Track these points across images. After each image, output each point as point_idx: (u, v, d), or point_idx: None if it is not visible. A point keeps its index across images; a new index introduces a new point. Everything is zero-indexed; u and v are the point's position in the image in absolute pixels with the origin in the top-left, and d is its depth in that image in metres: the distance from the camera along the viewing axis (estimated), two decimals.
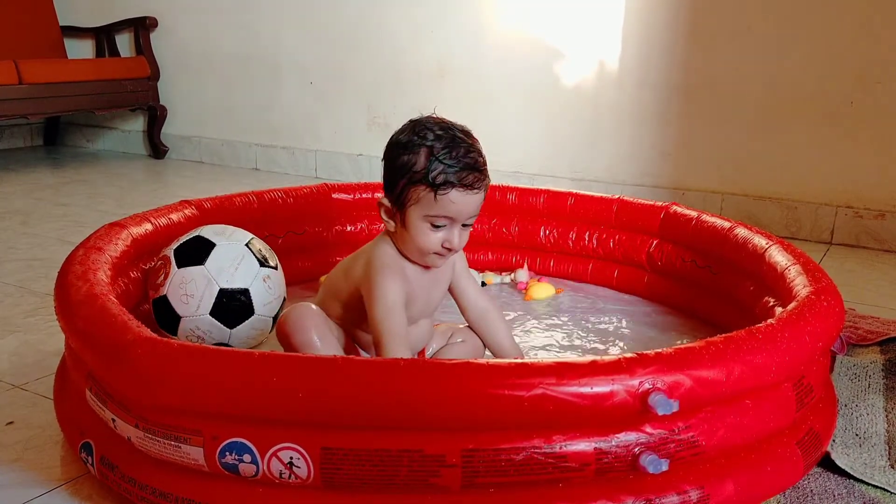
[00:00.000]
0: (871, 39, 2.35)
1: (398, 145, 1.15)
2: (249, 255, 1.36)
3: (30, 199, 2.82)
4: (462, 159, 1.13)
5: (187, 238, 1.37)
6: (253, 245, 1.39)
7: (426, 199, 1.13)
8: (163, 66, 3.71)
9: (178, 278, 1.31)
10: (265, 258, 1.39)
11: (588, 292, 1.81)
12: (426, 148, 1.13)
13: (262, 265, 1.37)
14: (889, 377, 1.35)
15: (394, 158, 1.15)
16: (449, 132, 1.14)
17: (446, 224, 1.15)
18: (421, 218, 1.14)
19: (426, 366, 0.88)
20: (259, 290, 1.35)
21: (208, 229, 1.39)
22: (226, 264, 1.33)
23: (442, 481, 0.87)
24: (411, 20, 3.09)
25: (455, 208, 1.13)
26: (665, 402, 0.86)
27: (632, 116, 2.76)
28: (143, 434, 0.94)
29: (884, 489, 1.02)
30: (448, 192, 1.12)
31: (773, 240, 1.43)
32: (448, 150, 1.12)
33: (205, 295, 1.30)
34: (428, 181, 1.12)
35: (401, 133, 1.16)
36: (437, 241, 1.16)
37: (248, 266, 1.34)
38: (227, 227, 1.42)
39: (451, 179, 1.12)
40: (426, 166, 1.12)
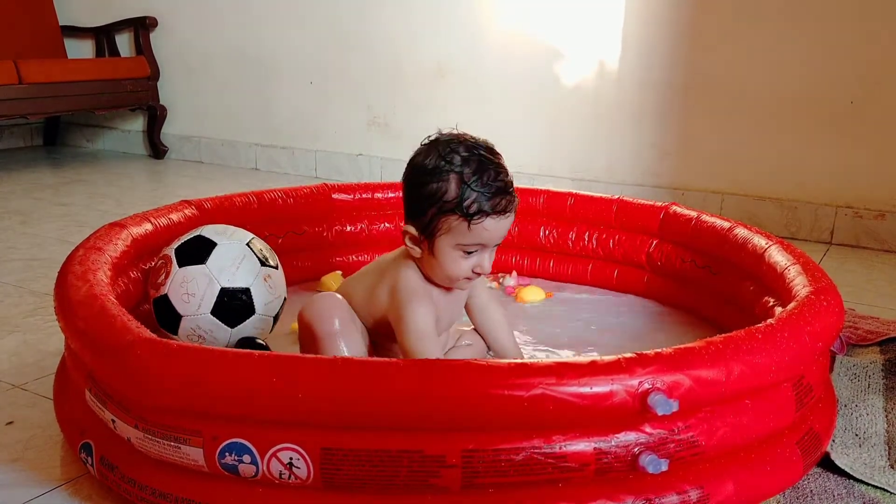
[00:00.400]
0: (871, 40, 2.35)
1: (424, 171, 1.10)
2: (250, 254, 1.36)
3: (30, 199, 2.82)
4: (493, 184, 1.09)
5: (188, 237, 1.37)
6: (254, 244, 1.39)
7: (458, 228, 1.09)
8: (163, 65, 3.71)
9: (179, 277, 1.31)
10: (266, 258, 1.39)
11: (581, 296, 1.80)
12: (455, 174, 1.08)
13: (263, 264, 1.37)
14: (889, 377, 1.35)
15: (420, 185, 1.10)
16: (475, 153, 1.10)
17: (478, 250, 1.12)
18: (452, 247, 1.11)
19: (426, 366, 0.88)
20: (260, 290, 1.35)
21: (209, 229, 1.39)
22: (227, 263, 1.33)
23: (442, 482, 0.87)
24: (411, 20, 3.09)
25: (488, 235, 1.10)
26: (664, 401, 0.86)
27: (632, 116, 2.76)
28: (142, 434, 0.94)
29: (884, 489, 1.02)
30: (482, 221, 1.08)
31: (772, 240, 1.43)
32: (478, 176, 1.08)
33: (206, 294, 1.30)
34: (461, 211, 1.07)
35: (425, 157, 1.11)
36: (468, 268, 1.13)
37: (249, 265, 1.35)
38: (227, 227, 1.42)
39: (485, 208, 1.08)
40: (458, 195, 1.07)
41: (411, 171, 1.13)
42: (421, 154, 1.12)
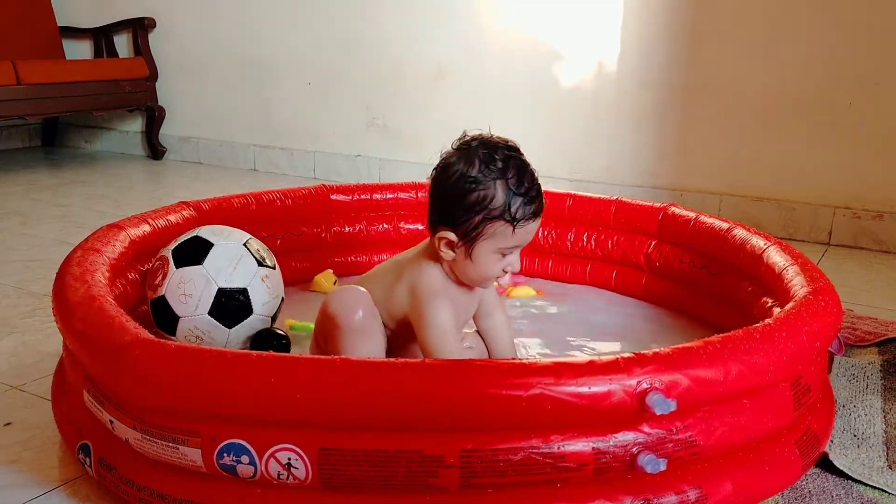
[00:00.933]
0: (869, 41, 2.35)
1: (468, 179, 1.10)
2: (248, 254, 1.36)
3: (28, 200, 2.82)
4: (534, 188, 1.12)
5: (185, 238, 1.37)
6: (251, 245, 1.39)
7: (503, 232, 1.11)
8: (161, 66, 3.71)
9: (176, 278, 1.31)
10: (263, 258, 1.39)
11: (579, 296, 1.79)
12: (502, 182, 1.10)
13: (260, 265, 1.37)
14: (887, 378, 1.35)
15: (464, 193, 1.10)
16: (511, 157, 1.11)
17: (513, 251, 1.15)
18: (493, 250, 1.12)
19: (424, 366, 0.88)
20: (258, 290, 1.35)
21: (206, 230, 1.39)
22: (224, 264, 1.33)
23: (440, 482, 0.87)
24: (410, 21, 3.09)
25: (527, 236, 1.14)
26: (663, 401, 0.86)
27: (630, 117, 2.76)
28: (140, 435, 0.94)
29: (882, 490, 1.02)
30: (527, 225, 1.12)
31: (771, 240, 1.43)
32: (520, 181, 1.10)
33: (203, 294, 1.30)
34: (509, 216, 1.10)
35: (466, 164, 1.11)
36: (500, 268, 1.15)
37: (246, 266, 1.34)
38: (224, 228, 1.42)
39: (529, 213, 1.11)
40: (505, 202, 1.09)
41: (451, 179, 1.11)
42: (458, 161, 1.12)
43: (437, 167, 1.14)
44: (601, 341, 1.53)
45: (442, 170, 1.13)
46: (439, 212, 1.14)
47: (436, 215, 1.15)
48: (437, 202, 1.15)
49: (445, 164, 1.13)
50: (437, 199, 1.14)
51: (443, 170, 1.13)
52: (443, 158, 1.14)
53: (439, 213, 1.14)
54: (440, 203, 1.14)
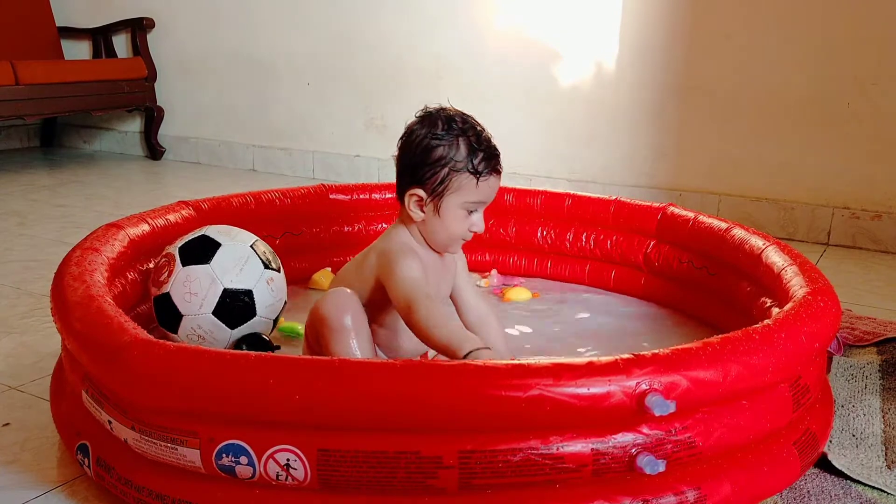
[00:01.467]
0: (867, 41, 2.35)
1: (433, 136, 1.19)
2: (254, 256, 1.36)
3: (27, 200, 2.82)
4: (491, 145, 1.22)
5: (192, 237, 1.37)
6: (257, 247, 1.39)
7: (468, 185, 1.20)
8: (160, 66, 3.70)
9: (182, 276, 1.31)
10: (269, 260, 1.39)
11: (578, 296, 1.79)
12: (464, 138, 1.20)
13: (266, 267, 1.37)
14: (886, 378, 1.35)
15: (430, 149, 1.19)
16: (467, 120, 1.22)
17: (477, 209, 1.23)
18: (460, 205, 1.21)
19: (423, 367, 0.88)
20: (262, 292, 1.35)
21: (213, 229, 1.39)
22: (231, 264, 1.33)
23: (439, 483, 0.87)
24: (409, 21, 3.09)
25: (489, 192, 1.22)
26: (662, 402, 0.86)
27: (629, 117, 2.76)
28: (139, 436, 0.94)
29: (880, 490, 1.02)
30: (489, 178, 1.21)
31: (769, 240, 1.43)
32: (479, 139, 1.20)
33: (209, 294, 1.30)
34: (472, 168, 1.19)
35: (429, 125, 1.20)
36: (467, 227, 1.23)
37: (252, 267, 1.35)
38: (231, 228, 1.43)
39: (490, 166, 1.20)
40: (468, 154, 1.19)
41: (417, 139, 1.21)
42: (422, 125, 1.22)
43: (403, 136, 1.23)
44: (599, 342, 1.53)
45: (408, 136, 1.23)
46: (409, 173, 1.22)
47: (406, 177, 1.23)
48: (406, 164, 1.22)
49: (410, 131, 1.23)
50: (406, 162, 1.22)
51: (409, 135, 1.22)
52: (407, 127, 1.23)
53: (409, 175, 1.22)
54: (409, 164, 1.22)
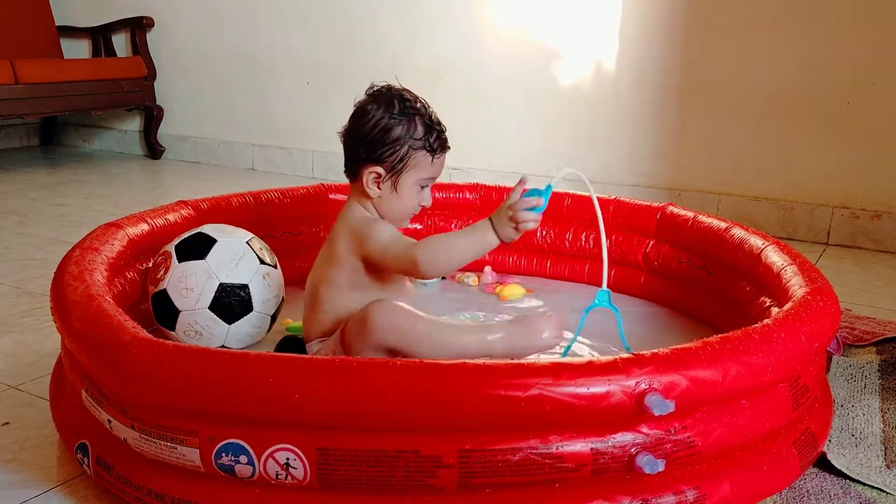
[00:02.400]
0: (867, 40, 2.35)
1: (392, 116, 1.22)
2: (250, 251, 1.37)
3: (26, 199, 2.82)
4: (440, 124, 1.26)
5: (189, 235, 1.38)
6: (253, 243, 1.40)
7: (424, 163, 1.24)
8: (159, 66, 3.70)
9: (178, 272, 1.32)
10: (265, 256, 1.40)
11: (566, 292, 1.79)
12: (420, 118, 1.23)
13: (262, 262, 1.38)
14: (885, 378, 1.35)
15: (389, 129, 1.22)
16: (418, 99, 1.26)
17: (428, 184, 1.27)
18: (415, 182, 1.25)
19: (422, 366, 0.88)
20: (259, 287, 1.36)
21: (209, 227, 1.40)
22: (226, 259, 1.34)
23: (438, 482, 0.87)
24: (408, 20, 3.09)
25: (440, 168, 1.27)
26: (661, 402, 0.86)
27: (628, 117, 2.76)
28: (138, 435, 0.94)
29: (880, 489, 1.02)
30: (442, 155, 1.26)
31: (769, 240, 1.43)
32: (430, 117, 1.25)
33: (205, 289, 1.31)
34: (428, 147, 1.23)
35: (386, 105, 1.22)
36: (419, 202, 1.28)
37: (248, 262, 1.36)
38: (227, 226, 1.44)
39: (443, 143, 1.26)
40: (425, 134, 1.23)
41: (374, 119, 1.22)
42: (377, 105, 1.23)
43: (354, 114, 1.25)
44: (598, 341, 1.53)
45: (361, 114, 1.24)
46: (365, 151, 1.23)
47: (361, 155, 1.24)
48: (362, 142, 1.23)
49: (363, 110, 1.24)
50: (362, 140, 1.23)
51: (362, 114, 1.24)
52: (358, 106, 1.25)
53: (366, 153, 1.23)
54: (365, 143, 1.23)
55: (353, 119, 1.25)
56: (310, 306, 1.28)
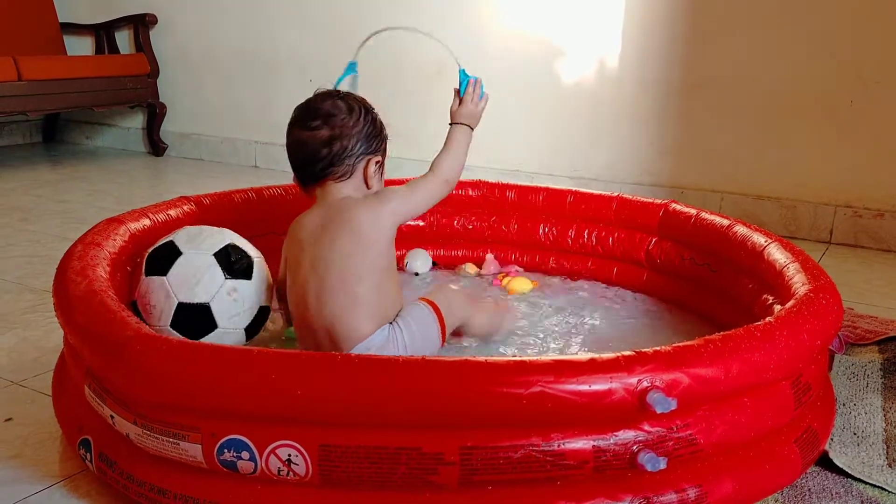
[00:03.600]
0: (870, 39, 2.35)
1: (371, 112, 1.32)
2: (214, 266, 1.27)
3: (29, 196, 2.82)
4: None
5: (163, 242, 1.30)
6: (224, 253, 1.29)
7: (385, 150, 1.34)
8: (162, 63, 3.70)
9: (144, 286, 1.26)
10: (234, 268, 1.29)
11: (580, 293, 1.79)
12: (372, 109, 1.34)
13: (228, 276, 1.27)
14: (887, 377, 1.35)
15: (376, 120, 1.32)
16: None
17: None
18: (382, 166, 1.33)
19: (425, 363, 0.88)
20: (223, 304, 1.26)
21: (183, 233, 1.31)
22: (188, 276, 1.25)
23: (440, 479, 0.87)
24: (412, 18, 3.09)
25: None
26: (663, 400, 0.86)
27: (631, 114, 2.76)
28: (141, 431, 0.94)
29: (882, 488, 1.02)
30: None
31: (772, 238, 1.42)
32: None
33: (165, 307, 1.24)
34: (386, 132, 1.34)
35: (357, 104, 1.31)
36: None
37: (210, 279, 1.25)
38: (205, 231, 1.33)
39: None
40: (382, 123, 1.33)
41: (360, 117, 1.29)
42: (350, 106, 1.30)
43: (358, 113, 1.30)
44: (600, 338, 1.53)
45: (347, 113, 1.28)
46: (364, 145, 1.28)
47: (359, 150, 1.28)
48: (358, 138, 1.28)
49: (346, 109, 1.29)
50: (357, 135, 1.28)
51: (349, 113, 1.29)
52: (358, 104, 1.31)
53: (364, 146, 1.28)
54: (361, 137, 1.28)
55: (339, 120, 1.27)
56: (350, 309, 1.21)
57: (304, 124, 1.29)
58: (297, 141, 1.31)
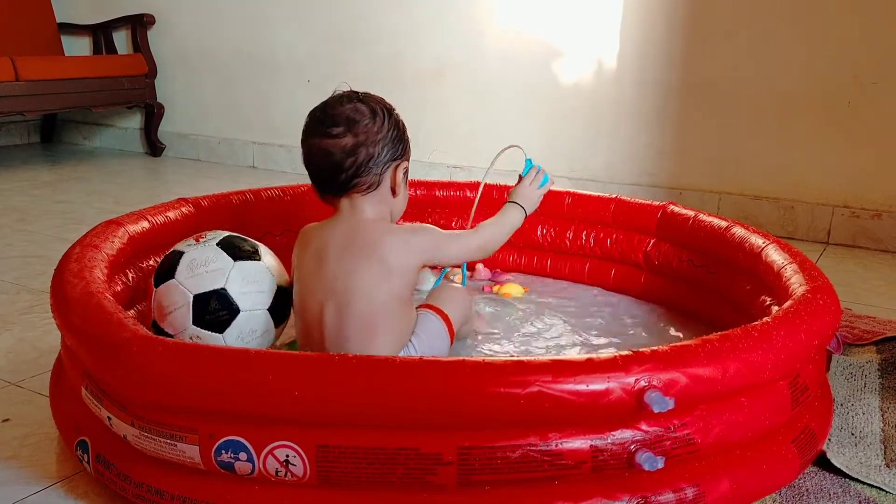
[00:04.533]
0: (868, 39, 2.35)
1: (391, 113, 1.22)
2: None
3: (27, 197, 2.82)
4: None
5: (212, 287, 1.24)
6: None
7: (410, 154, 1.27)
8: (160, 63, 3.70)
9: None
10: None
11: (578, 293, 1.79)
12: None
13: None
14: (885, 377, 1.35)
15: (397, 123, 1.22)
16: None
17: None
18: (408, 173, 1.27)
19: (422, 364, 0.88)
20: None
21: (236, 277, 1.25)
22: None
23: (438, 479, 0.87)
24: (410, 18, 3.09)
25: None
26: (661, 399, 0.86)
27: (630, 115, 2.76)
28: (138, 432, 0.94)
29: (879, 488, 1.03)
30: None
31: (769, 239, 1.43)
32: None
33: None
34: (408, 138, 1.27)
35: (381, 106, 1.22)
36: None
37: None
38: (251, 272, 1.27)
39: None
40: (404, 125, 1.25)
41: (386, 120, 1.20)
42: (374, 109, 1.20)
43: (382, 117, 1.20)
44: (598, 339, 1.53)
45: (388, 115, 1.21)
46: (391, 151, 1.20)
47: (386, 156, 1.20)
48: (384, 143, 1.19)
49: (371, 113, 1.19)
50: (383, 141, 1.19)
51: (372, 118, 1.19)
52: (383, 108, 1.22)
53: (391, 152, 1.20)
54: (388, 142, 1.20)
55: (363, 125, 1.18)
56: (372, 339, 1.17)
57: (325, 132, 1.18)
58: (316, 150, 1.19)
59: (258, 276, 1.26)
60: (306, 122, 1.23)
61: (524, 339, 1.51)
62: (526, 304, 1.70)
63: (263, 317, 1.26)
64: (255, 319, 1.25)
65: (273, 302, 1.26)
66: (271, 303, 1.26)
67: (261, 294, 1.25)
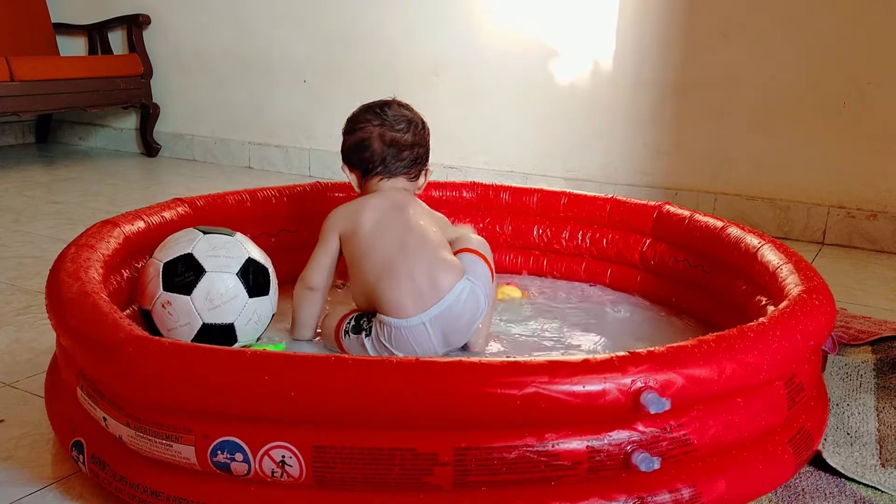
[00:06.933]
0: (863, 40, 2.36)
1: (427, 128, 1.48)
2: (238, 286, 1.28)
3: (22, 197, 2.81)
4: None
5: (180, 253, 1.29)
6: (245, 271, 1.30)
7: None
8: (156, 63, 3.70)
9: (163, 299, 1.26)
10: (256, 285, 1.31)
11: (575, 293, 1.79)
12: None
13: (251, 294, 1.30)
14: (880, 377, 1.35)
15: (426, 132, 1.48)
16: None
17: None
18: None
19: (419, 364, 0.88)
20: (245, 322, 1.29)
21: (203, 244, 1.30)
22: (213, 299, 1.26)
23: (434, 480, 0.87)
24: (405, 18, 3.09)
25: None
26: (657, 400, 0.86)
27: (625, 116, 2.76)
28: (134, 432, 0.93)
29: (875, 488, 1.03)
30: None
31: (765, 239, 1.43)
32: None
33: (188, 327, 1.26)
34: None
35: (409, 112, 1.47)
36: None
37: (236, 301, 1.28)
38: (220, 241, 1.32)
39: None
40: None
41: (427, 128, 1.48)
42: (419, 115, 1.48)
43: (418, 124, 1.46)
44: (595, 339, 1.53)
45: (423, 124, 1.47)
46: (428, 156, 1.49)
47: (425, 158, 1.48)
48: (426, 149, 1.48)
49: (421, 125, 1.46)
50: (425, 147, 1.48)
51: (423, 124, 1.47)
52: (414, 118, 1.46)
53: (427, 157, 1.49)
54: (427, 149, 1.48)
55: (419, 129, 1.46)
56: (444, 261, 1.36)
57: (390, 126, 1.43)
58: (380, 138, 1.43)
59: (227, 245, 1.33)
60: (364, 114, 1.48)
61: (520, 340, 1.51)
62: (522, 304, 1.70)
63: (232, 281, 1.29)
64: (223, 282, 1.28)
65: (242, 268, 1.31)
66: (240, 268, 1.31)
67: (229, 258, 1.31)
